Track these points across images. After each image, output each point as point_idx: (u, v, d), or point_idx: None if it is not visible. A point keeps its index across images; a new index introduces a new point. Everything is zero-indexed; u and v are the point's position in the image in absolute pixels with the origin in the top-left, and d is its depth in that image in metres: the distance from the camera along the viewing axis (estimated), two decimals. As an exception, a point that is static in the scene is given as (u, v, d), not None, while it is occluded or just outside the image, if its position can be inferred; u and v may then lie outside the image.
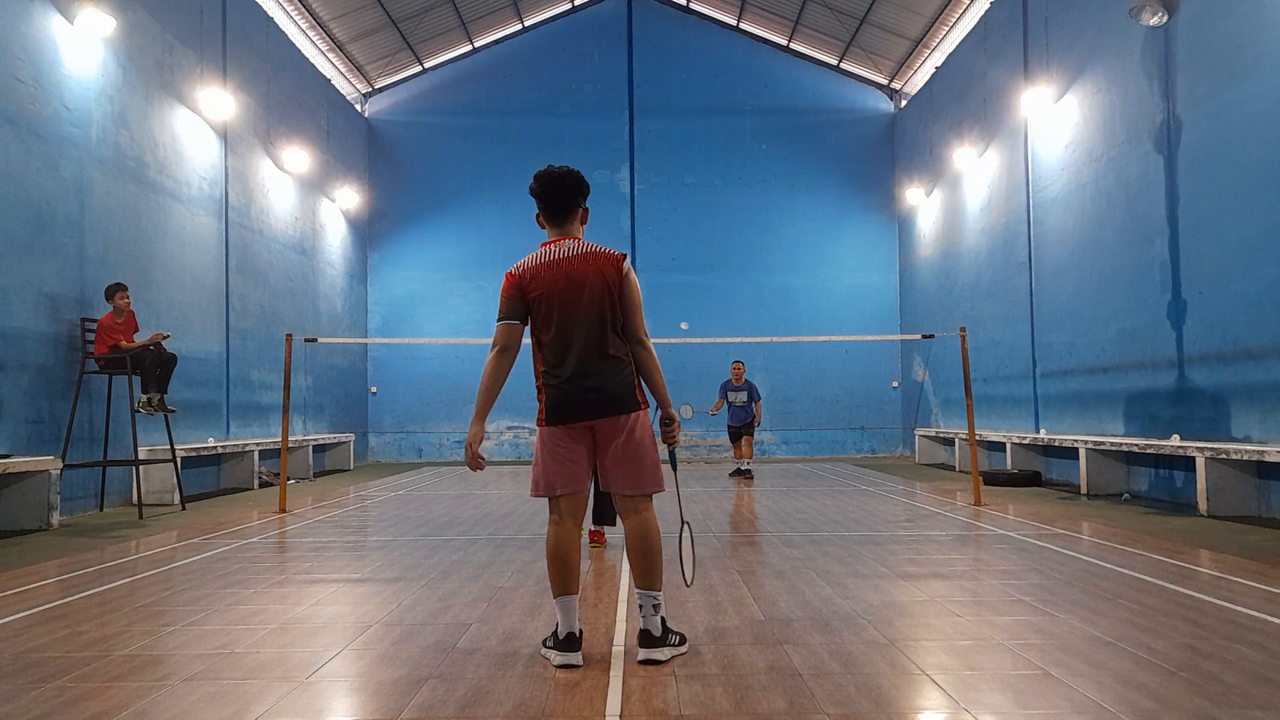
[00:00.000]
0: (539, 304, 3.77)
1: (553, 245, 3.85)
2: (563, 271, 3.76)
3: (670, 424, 3.86)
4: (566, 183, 3.87)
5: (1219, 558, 5.95)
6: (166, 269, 11.25)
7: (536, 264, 3.80)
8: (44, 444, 8.76)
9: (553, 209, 3.89)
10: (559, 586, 3.70)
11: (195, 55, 12.11)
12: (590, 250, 3.82)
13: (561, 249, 3.82)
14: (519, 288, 3.79)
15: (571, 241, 3.86)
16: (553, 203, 3.88)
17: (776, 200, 19.57)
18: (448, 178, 19.44)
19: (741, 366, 13.42)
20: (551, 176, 3.87)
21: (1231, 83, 8.55)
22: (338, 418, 17.30)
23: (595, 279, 3.74)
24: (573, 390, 3.71)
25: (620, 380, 3.74)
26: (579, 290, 3.73)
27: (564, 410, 3.73)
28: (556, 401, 3.74)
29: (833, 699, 3.14)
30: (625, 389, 3.74)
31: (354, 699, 3.30)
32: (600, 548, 6.62)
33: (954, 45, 16.35)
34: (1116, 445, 9.70)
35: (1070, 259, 11.80)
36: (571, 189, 3.88)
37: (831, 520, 8.21)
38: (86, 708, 3.13)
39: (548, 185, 3.86)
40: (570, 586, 3.70)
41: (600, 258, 3.79)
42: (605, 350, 3.73)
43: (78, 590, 5.25)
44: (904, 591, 4.98)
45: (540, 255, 3.83)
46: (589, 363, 3.71)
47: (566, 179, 3.87)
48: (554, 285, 3.75)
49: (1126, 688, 3.22)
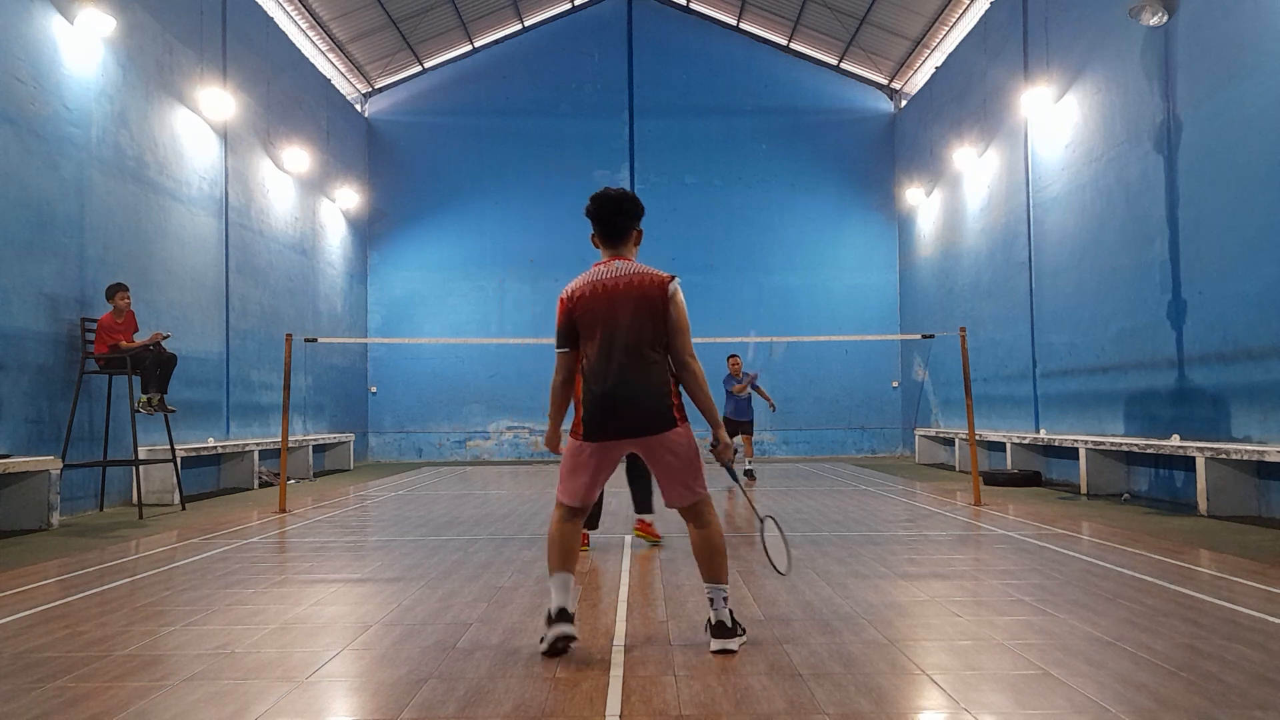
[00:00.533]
0: (583, 323, 3.89)
1: (603, 266, 3.97)
2: (607, 292, 3.87)
3: (717, 446, 3.93)
4: (621, 205, 3.98)
5: (1219, 558, 5.95)
6: (166, 269, 11.25)
7: (584, 285, 3.93)
8: (44, 444, 8.76)
9: (606, 231, 4.00)
10: (557, 564, 3.84)
11: (195, 55, 12.11)
12: (638, 271, 3.91)
13: (610, 269, 3.93)
14: (567, 312, 3.93)
15: (621, 263, 3.96)
16: (607, 225, 3.99)
17: (776, 200, 19.57)
18: (448, 178, 19.44)
19: (739, 360, 13.11)
20: (606, 199, 3.98)
21: (1231, 83, 8.55)
22: (338, 418, 17.30)
23: (639, 300, 3.83)
24: (609, 409, 3.80)
25: (658, 401, 3.80)
26: (621, 311, 3.83)
27: (600, 427, 3.83)
28: (592, 417, 3.84)
29: (833, 699, 3.14)
30: (662, 409, 3.80)
31: (354, 699, 3.30)
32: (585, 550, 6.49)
33: (954, 45, 16.36)
34: (1116, 445, 9.70)
35: (1070, 259, 11.80)
36: (625, 212, 3.99)
37: (831, 520, 8.21)
38: (86, 708, 3.13)
39: (602, 207, 3.98)
40: (569, 565, 3.85)
41: (646, 279, 3.87)
42: (644, 371, 3.80)
43: (78, 590, 5.25)
44: (904, 591, 4.98)
45: (589, 276, 3.96)
46: (627, 383, 3.79)
47: (621, 202, 3.98)
48: (597, 305, 3.86)
49: (1126, 688, 3.22)
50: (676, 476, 3.85)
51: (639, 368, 3.80)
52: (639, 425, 3.79)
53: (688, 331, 3.88)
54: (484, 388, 19.24)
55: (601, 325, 3.84)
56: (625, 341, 3.81)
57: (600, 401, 3.81)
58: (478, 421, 19.33)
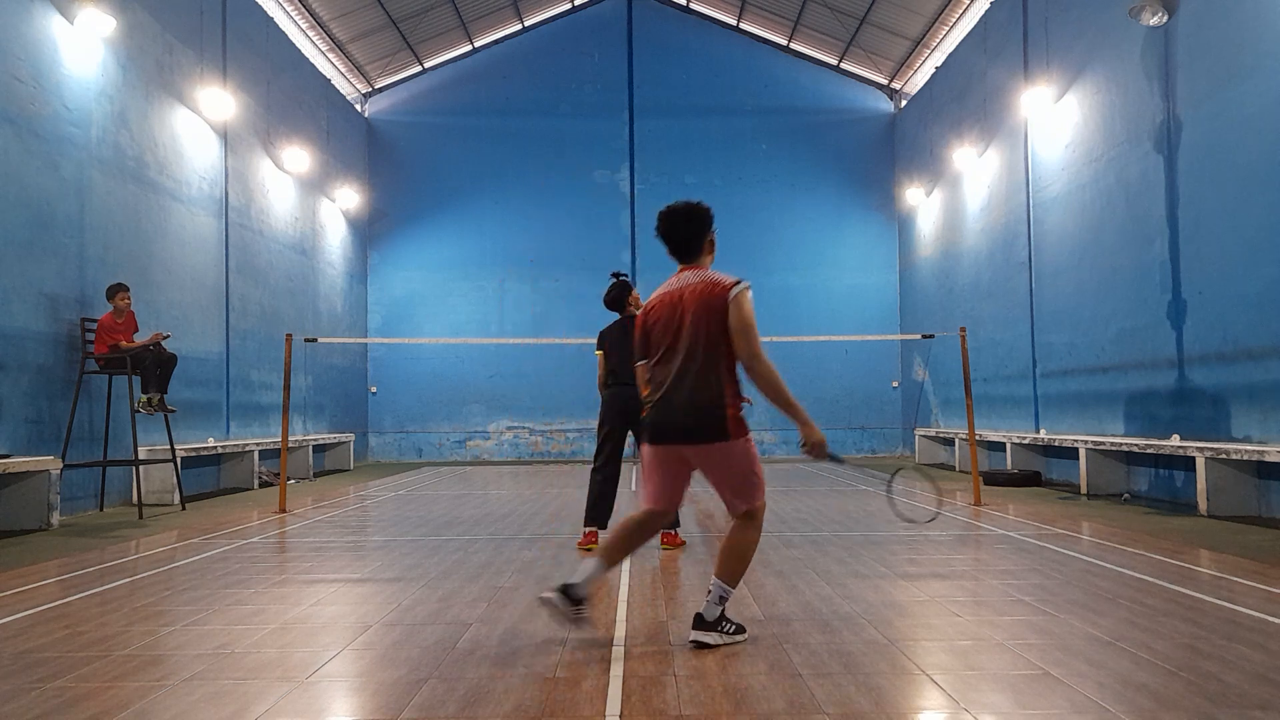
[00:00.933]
0: (653, 333, 4.01)
1: (675, 277, 4.05)
2: (672, 301, 3.95)
3: (805, 445, 3.87)
4: (692, 223, 4.01)
5: (1219, 558, 5.95)
6: (166, 269, 11.25)
7: (657, 296, 4.05)
8: (44, 444, 8.76)
9: (674, 245, 4.05)
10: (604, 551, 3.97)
11: (195, 55, 12.11)
12: (704, 280, 3.93)
13: (681, 279, 4.01)
14: (642, 325, 4.08)
15: (690, 272, 4.01)
16: (673, 239, 4.04)
17: (776, 200, 19.57)
18: (448, 178, 19.44)
19: None
20: (672, 216, 4.02)
21: (1231, 83, 8.55)
22: (338, 418, 17.30)
23: (701, 307, 3.86)
24: (662, 416, 3.89)
25: (709, 410, 3.81)
26: (682, 319, 3.89)
27: (658, 433, 3.92)
28: (652, 424, 3.94)
29: (833, 699, 3.14)
30: (714, 418, 3.80)
31: (354, 699, 3.30)
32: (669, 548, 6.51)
33: (954, 45, 16.35)
34: (1116, 445, 9.70)
35: (1070, 259, 11.80)
36: (696, 229, 4.01)
37: (831, 520, 8.21)
38: (86, 708, 3.13)
39: (672, 227, 4.02)
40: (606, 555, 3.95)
41: (709, 286, 3.90)
42: (696, 378, 3.83)
43: (78, 590, 5.25)
44: (904, 591, 4.98)
45: (665, 287, 4.05)
46: (677, 390, 3.86)
47: (692, 218, 4.01)
48: (662, 314, 3.97)
49: (1126, 688, 3.22)
50: (727, 486, 3.91)
51: (694, 377, 3.84)
52: (692, 434, 3.83)
53: (751, 332, 3.85)
54: (484, 388, 19.25)
55: (662, 333, 3.95)
56: (685, 350, 3.86)
57: (657, 408, 3.91)
58: (478, 421, 19.33)
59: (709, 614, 3.86)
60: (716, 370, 3.84)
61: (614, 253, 19.26)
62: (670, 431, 3.88)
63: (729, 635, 3.89)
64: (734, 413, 3.85)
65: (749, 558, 3.93)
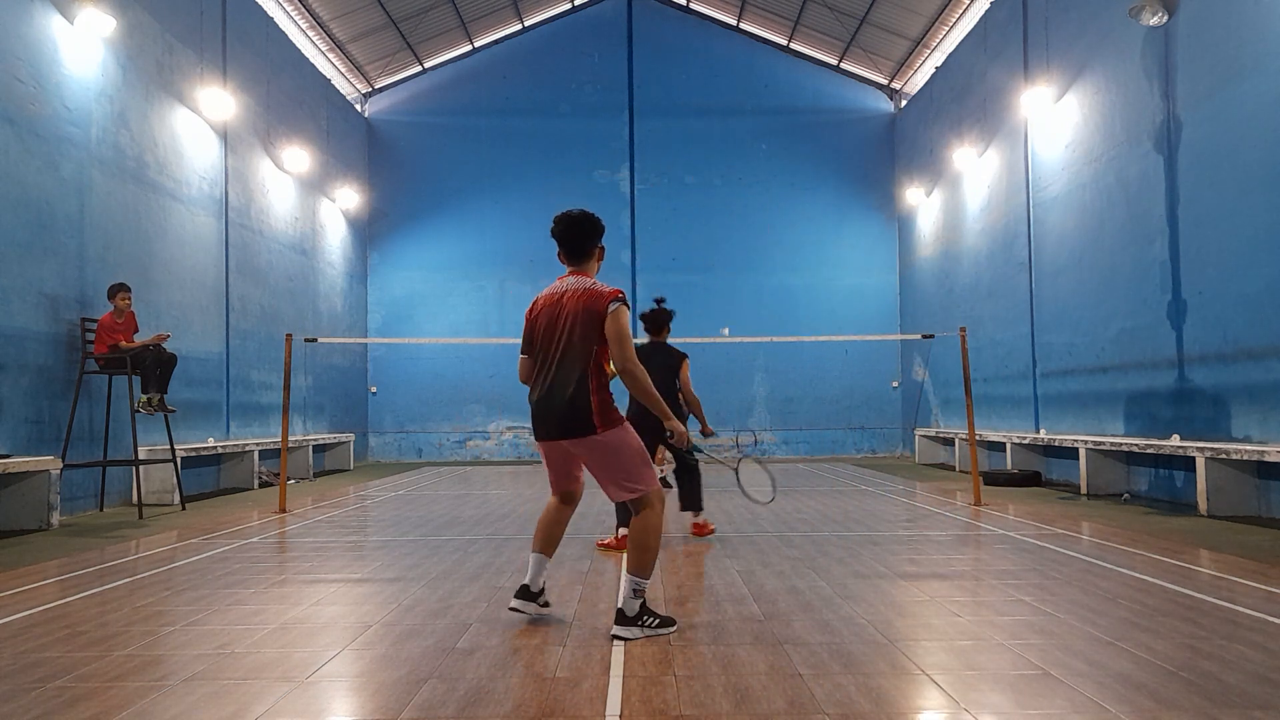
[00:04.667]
0: (534, 332, 4.30)
1: (560, 281, 4.33)
2: (556, 304, 4.24)
3: (670, 435, 4.37)
4: (582, 228, 4.31)
5: (1219, 558, 5.95)
6: (166, 269, 11.25)
7: (542, 296, 4.33)
8: (44, 444, 8.76)
9: (568, 249, 4.35)
10: (534, 543, 4.40)
11: (195, 55, 12.11)
12: (585, 287, 4.22)
13: (565, 284, 4.29)
14: (528, 321, 4.35)
15: (575, 278, 4.30)
16: (568, 244, 4.34)
17: (776, 200, 19.57)
18: (448, 178, 19.44)
19: None
20: (569, 222, 4.32)
21: (1231, 83, 8.55)
22: (338, 418, 17.30)
23: (579, 313, 4.14)
24: (539, 412, 4.21)
25: (577, 406, 4.07)
26: (561, 322, 4.18)
27: (536, 428, 4.26)
28: (532, 419, 4.27)
29: (833, 699, 3.14)
30: (581, 415, 4.07)
31: (354, 699, 3.30)
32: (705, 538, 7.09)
33: (954, 45, 16.35)
34: (1116, 445, 9.70)
35: (1070, 259, 11.80)
36: (585, 232, 4.32)
37: (831, 520, 8.21)
38: (86, 708, 3.13)
39: (566, 229, 4.31)
40: (538, 544, 4.37)
41: (589, 294, 4.18)
42: (568, 378, 4.11)
43: (78, 590, 5.25)
44: (904, 591, 4.98)
45: (549, 289, 4.33)
46: (552, 389, 4.15)
47: (583, 224, 4.32)
48: (545, 316, 4.26)
49: (1126, 688, 3.22)
50: (608, 475, 4.13)
51: (566, 376, 4.12)
52: (564, 428, 4.11)
53: (626, 342, 4.11)
54: (484, 388, 19.25)
55: (543, 335, 4.24)
56: (559, 350, 4.16)
57: (535, 405, 4.23)
58: (478, 421, 19.33)
59: (629, 609, 4.00)
60: (586, 370, 4.11)
61: (614, 253, 19.26)
62: (549, 428, 4.16)
63: (652, 628, 4.02)
64: (599, 407, 4.09)
65: (652, 546, 4.06)
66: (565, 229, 4.31)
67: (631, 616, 3.99)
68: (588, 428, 4.06)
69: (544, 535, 4.39)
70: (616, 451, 4.09)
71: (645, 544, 4.05)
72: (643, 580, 4.01)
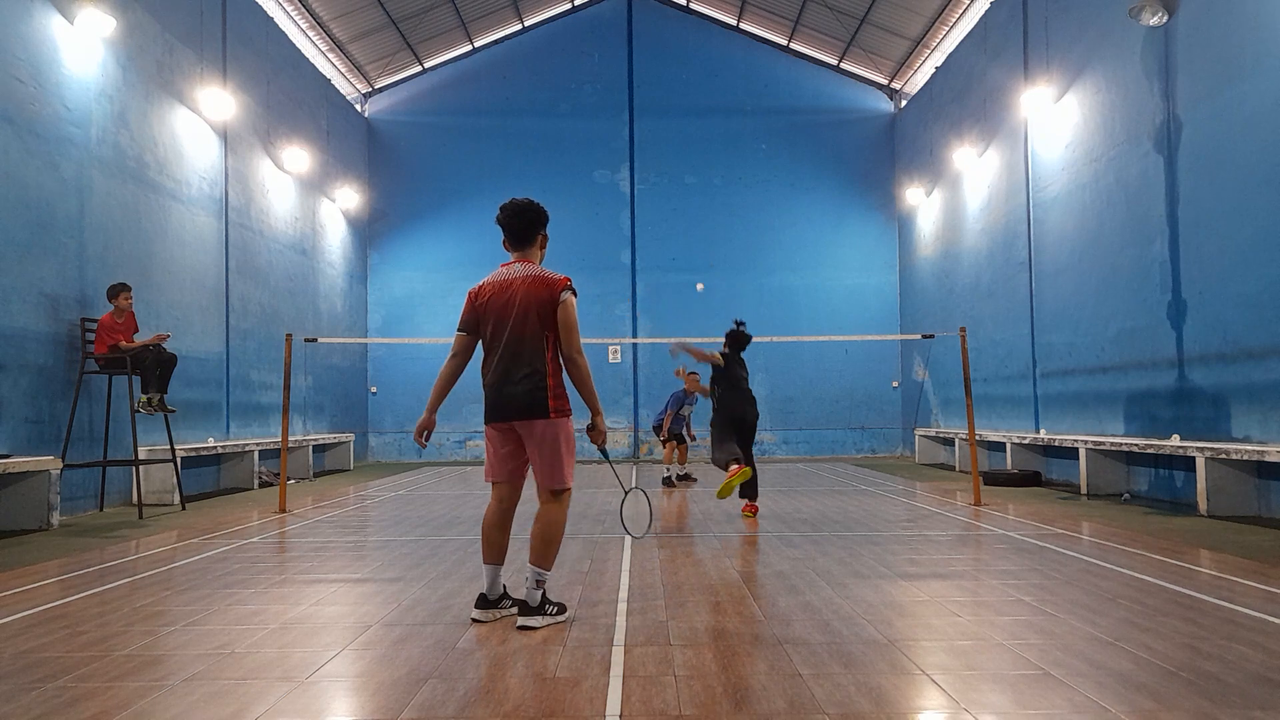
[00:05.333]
0: (484, 318, 4.39)
1: (506, 268, 4.45)
2: (505, 290, 4.35)
3: (593, 430, 4.42)
4: (527, 215, 4.45)
5: (1219, 558, 5.95)
6: (166, 269, 11.24)
7: (490, 282, 4.43)
8: (44, 444, 8.76)
9: (513, 236, 4.48)
10: (484, 556, 4.43)
11: (195, 55, 12.11)
12: (535, 274, 4.36)
13: (512, 270, 4.42)
14: (472, 304, 4.44)
15: (522, 265, 4.43)
16: (513, 231, 4.47)
17: (776, 200, 19.57)
18: (448, 178, 19.43)
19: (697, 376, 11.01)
20: (515, 209, 4.45)
21: (1231, 83, 8.55)
22: (338, 418, 17.30)
23: (531, 300, 4.28)
24: (496, 396, 4.32)
25: (534, 390, 4.24)
26: (512, 308, 4.30)
27: (491, 412, 4.36)
28: (488, 404, 4.37)
29: (833, 699, 3.14)
30: (537, 398, 4.24)
31: (354, 699, 3.30)
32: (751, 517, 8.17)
33: (954, 45, 16.35)
34: (1116, 445, 9.70)
35: (1070, 259, 11.80)
36: (530, 221, 4.47)
37: (831, 520, 8.21)
38: (86, 708, 3.13)
39: (511, 216, 4.45)
40: (488, 557, 4.41)
41: (540, 282, 4.32)
42: (524, 363, 4.26)
43: (78, 590, 5.25)
44: (904, 591, 4.98)
45: (496, 275, 4.44)
46: (509, 373, 4.28)
47: (528, 211, 4.46)
48: (495, 302, 4.36)
49: (1126, 688, 3.22)
50: (543, 461, 4.31)
51: (520, 361, 4.27)
52: (519, 410, 4.25)
53: (573, 330, 4.29)
54: (484, 388, 19.21)
55: (494, 320, 4.35)
56: (513, 335, 4.29)
57: (490, 390, 4.34)
58: (477, 422, 19.21)
59: (531, 600, 4.20)
60: (541, 355, 4.28)
61: (614, 252, 19.27)
62: (505, 409, 4.29)
63: (553, 616, 4.24)
64: (554, 391, 4.26)
65: (557, 539, 4.29)
66: (511, 216, 4.44)
67: (535, 607, 4.20)
68: (542, 411, 4.24)
69: (490, 546, 4.44)
70: (555, 441, 4.28)
71: (552, 538, 4.28)
72: (545, 572, 4.24)
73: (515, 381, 4.26)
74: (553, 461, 4.30)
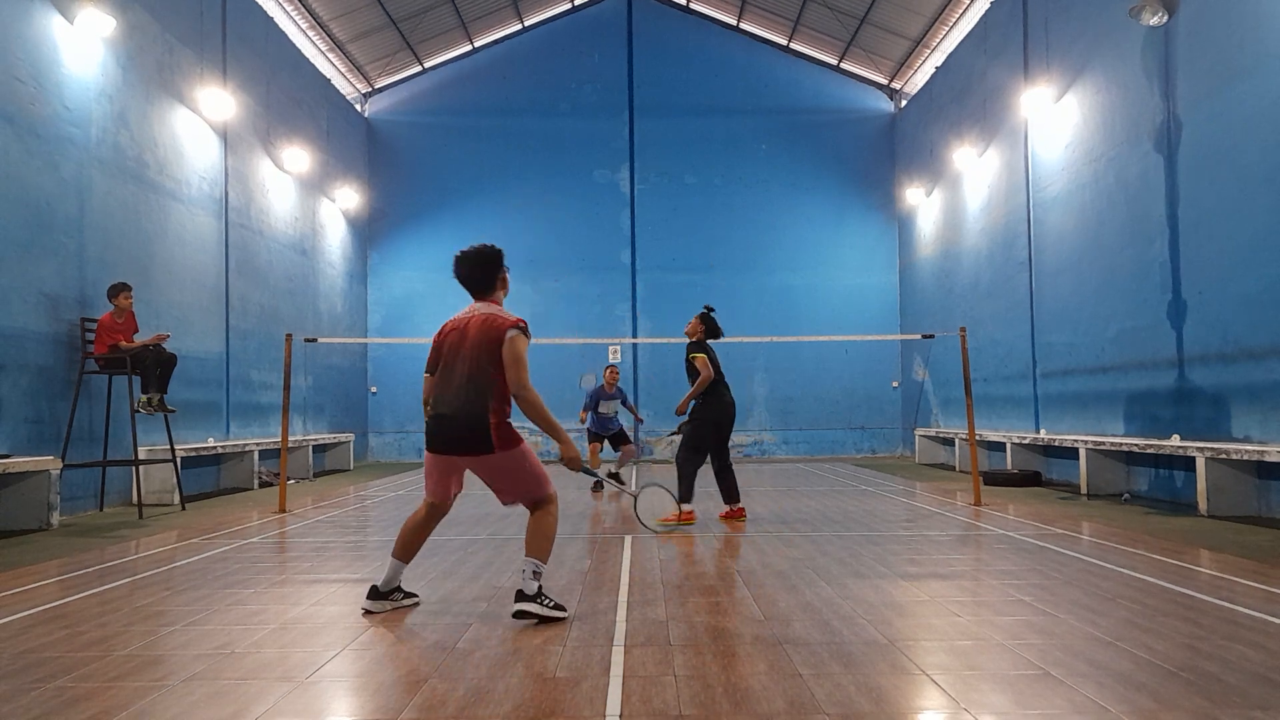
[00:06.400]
0: (441, 352, 4.54)
1: (469, 308, 4.61)
2: (460, 330, 4.51)
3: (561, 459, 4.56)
4: (484, 263, 4.59)
5: (1219, 558, 5.95)
6: (166, 269, 11.24)
7: (452, 321, 4.59)
8: (44, 444, 8.76)
9: (475, 285, 4.62)
10: (395, 549, 4.61)
11: (195, 55, 12.11)
12: (487, 315, 4.49)
13: (473, 311, 4.57)
14: (435, 344, 4.59)
15: (481, 304, 4.59)
16: (474, 281, 4.61)
17: (776, 200, 19.57)
18: (448, 178, 19.44)
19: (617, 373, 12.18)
20: (472, 260, 4.58)
21: (1231, 83, 8.55)
22: (338, 418, 17.30)
23: (479, 339, 4.42)
24: (435, 428, 4.44)
25: (475, 426, 4.33)
26: (462, 347, 4.45)
27: (430, 441, 4.47)
28: (428, 432, 4.48)
29: (833, 699, 3.14)
30: (480, 433, 4.33)
31: (354, 699, 3.30)
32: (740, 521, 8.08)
33: (954, 45, 16.35)
34: (1116, 445, 9.70)
35: (1070, 259, 11.81)
36: (486, 268, 4.59)
37: (831, 520, 8.21)
38: (86, 708, 3.13)
39: (472, 268, 4.59)
40: (398, 552, 4.60)
41: (490, 321, 4.46)
42: (467, 399, 4.36)
43: (78, 590, 5.25)
44: (904, 591, 4.98)
45: (459, 315, 4.60)
46: (450, 408, 4.39)
47: (483, 258, 4.59)
48: (449, 340, 4.52)
49: (1126, 688, 3.22)
50: (505, 489, 4.49)
51: (465, 397, 4.37)
52: (458, 445, 4.38)
53: (520, 366, 4.38)
54: (484, 388, 19.21)
55: (445, 357, 4.50)
56: (461, 373, 4.41)
57: (433, 421, 4.45)
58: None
59: (528, 589, 4.30)
60: (484, 392, 4.36)
61: (614, 252, 19.27)
62: (445, 443, 4.40)
63: (549, 608, 4.30)
64: (498, 426, 4.35)
65: (551, 535, 4.43)
66: (469, 269, 4.57)
67: (531, 595, 4.29)
68: (485, 447, 4.33)
69: (405, 543, 4.58)
70: (517, 470, 4.42)
71: (547, 533, 4.42)
72: (541, 564, 4.36)
73: (458, 418, 4.36)
74: (518, 481, 4.45)
